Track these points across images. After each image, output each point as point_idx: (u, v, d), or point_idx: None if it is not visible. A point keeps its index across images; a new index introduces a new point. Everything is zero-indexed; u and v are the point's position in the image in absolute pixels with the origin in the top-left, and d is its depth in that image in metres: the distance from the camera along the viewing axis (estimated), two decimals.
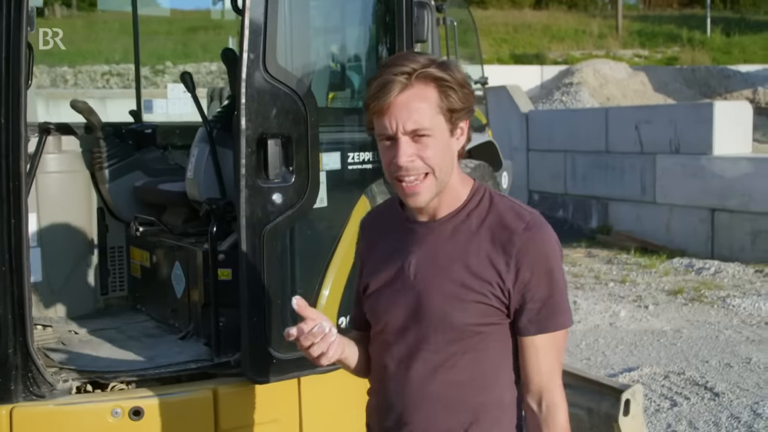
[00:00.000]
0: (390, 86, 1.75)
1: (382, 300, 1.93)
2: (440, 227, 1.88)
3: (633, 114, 11.65)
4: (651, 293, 8.55)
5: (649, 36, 25.42)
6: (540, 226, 1.84)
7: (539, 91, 16.49)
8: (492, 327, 1.84)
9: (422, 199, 1.82)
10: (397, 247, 1.93)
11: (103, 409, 2.72)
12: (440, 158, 1.80)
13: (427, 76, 1.77)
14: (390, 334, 1.91)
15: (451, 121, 1.81)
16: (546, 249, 1.83)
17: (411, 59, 1.79)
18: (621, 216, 11.43)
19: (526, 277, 1.80)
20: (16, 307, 2.63)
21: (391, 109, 1.76)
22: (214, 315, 2.95)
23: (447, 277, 1.83)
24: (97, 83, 17.09)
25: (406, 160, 1.77)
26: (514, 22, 26.67)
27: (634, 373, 5.96)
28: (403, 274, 1.89)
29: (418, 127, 1.77)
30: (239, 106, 2.72)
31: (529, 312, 1.82)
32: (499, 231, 1.83)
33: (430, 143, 1.78)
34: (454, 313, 1.82)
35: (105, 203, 3.78)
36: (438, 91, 1.78)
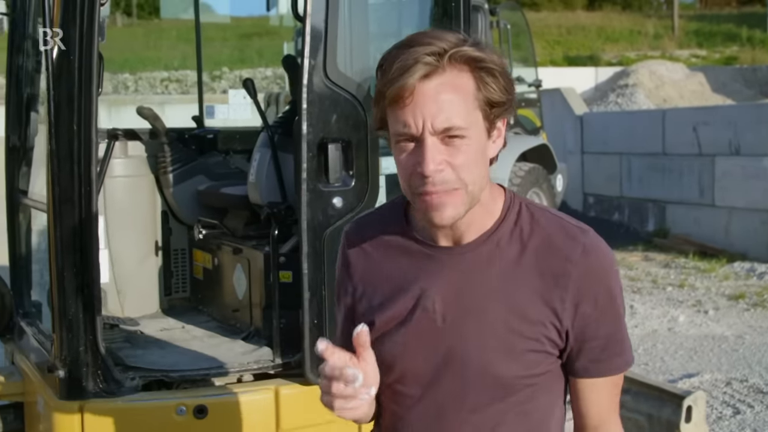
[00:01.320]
0: (414, 69, 1.33)
1: (395, 344, 1.51)
2: (470, 255, 1.48)
3: (691, 115, 11.45)
4: (711, 298, 8.40)
5: (706, 36, 24.96)
6: (599, 249, 1.48)
7: (594, 93, 16.33)
8: (542, 376, 1.48)
9: (448, 216, 1.40)
10: (410, 276, 1.51)
11: (168, 407, 2.79)
12: (474, 168, 1.39)
13: (461, 57, 1.36)
14: (410, 387, 1.52)
15: (489, 118, 1.40)
16: (609, 277, 1.48)
17: (440, 36, 1.37)
18: (678, 219, 11.24)
19: (587, 312, 1.45)
20: (87, 306, 2.72)
21: (415, 100, 1.34)
22: (276, 317, 3.00)
23: (486, 320, 1.45)
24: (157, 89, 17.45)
25: (434, 169, 1.35)
26: (567, 23, 26.43)
27: (694, 380, 5.86)
28: (425, 316, 1.48)
29: (450, 125, 1.35)
30: (300, 111, 2.78)
31: (590, 351, 1.47)
32: (549, 258, 1.45)
33: (463, 147, 1.37)
34: (499, 365, 1.45)
35: (169, 206, 3.88)
36: (474, 78, 1.38)
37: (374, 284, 1.56)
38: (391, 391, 1.55)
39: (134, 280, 3.75)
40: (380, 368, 1.50)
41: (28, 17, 3.52)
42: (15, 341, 3.43)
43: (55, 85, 2.64)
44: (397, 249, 1.54)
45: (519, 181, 8.79)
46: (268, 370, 2.98)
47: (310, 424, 2.92)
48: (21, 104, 3.57)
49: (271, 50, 18.49)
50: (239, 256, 3.37)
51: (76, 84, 2.66)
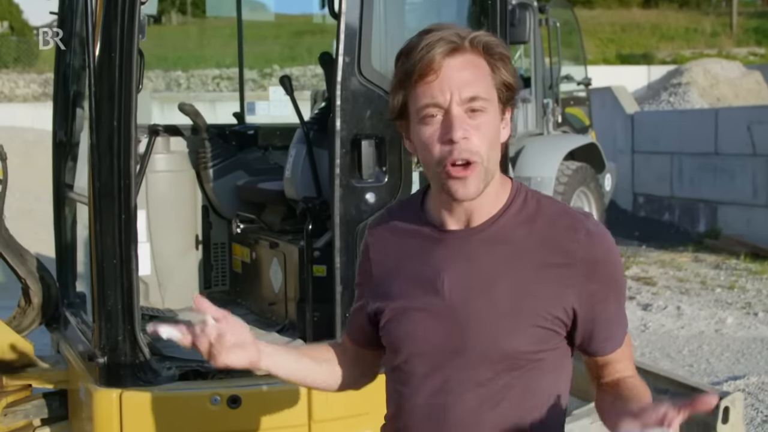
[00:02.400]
0: (439, 46, 1.44)
1: (407, 326, 1.59)
2: (478, 236, 1.55)
3: (745, 114, 11.22)
4: (761, 300, 8.22)
5: (766, 33, 24.37)
6: (602, 231, 1.56)
7: (646, 92, 16.08)
8: (547, 353, 1.54)
9: (472, 190, 1.48)
10: (423, 260, 1.59)
11: (203, 396, 2.85)
12: (492, 144, 1.49)
13: (478, 42, 1.48)
14: (418, 366, 1.58)
15: (503, 100, 1.51)
16: (612, 256, 1.56)
17: (450, 28, 1.49)
18: (730, 220, 11.02)
19: (593, 291, 1.52)
20: (126, 297, 2.80)
21: (441, 74, 1.44)
22: (309, 310, 3.05)
23: (493, 297, 1.52)
24: (208, 86, 17.71)
25: (462, 135, 1.44)
26: (621, 21, 26.06)
27: (740, 382, 5.76)
28: (435, 295, 1.55)
29: (476, 95, 1.45)
30: (334, 108, 2.82)
31: (600, 332, 1.56)
32: (554, 239, 1.53)
33: (485, 121, 1.47)
34: (506, 340, 1.51)
35: (209, 201, 3.96)
36: (489, 63, 1.49)
37: (389, 269, 1.65)
38: (398, 372, 1.62)
39: (175, 273, 3.84)
40: (389, 350, 1.64)
41: (76, 15, 3.62)
42: (60, 331, 3.53)
43: (96, 81, 2.72)
44: (411, 235, 1.63)
45: (566, 179, 8.71)
46: None
47: (342, 416, 2.95)
48: (68, 101, 3.68)
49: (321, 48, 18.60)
50: (276, 251, 3.43)
51: (117, 81, 2.73)
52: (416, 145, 1.53)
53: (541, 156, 8.64)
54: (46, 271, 3.43)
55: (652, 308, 7.83)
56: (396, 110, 1.54)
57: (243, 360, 1.56)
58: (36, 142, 11.72)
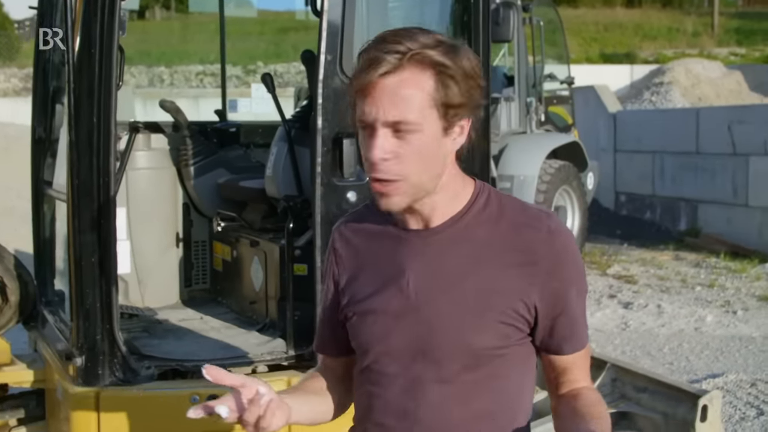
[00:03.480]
0: (377, 64, 1.44)
1: (374, 326, 1.60)
2: (441, 235, 1.58)
3: (726, 114, 11.29)
4: (740, 298, 8.29)
5: (746, 33, 24.55)
6: (563, 229, 1.59)
7: (629, 91, 16.15)
8: (512, 348, 1.57)
9: (393, 203, 1.52)
10: (389, 260, 1.61)
11: (182, 396, 2.83)
12: (421, 161, 1.49)
13: (424, 59, 1.45)
14: (387, 365, 1.60)
15: (446, 117, 1.48)
16: (573, 254, 1.58)
17: (410, 36, 1.46)
18: (711, 219, 11.10)
19: (554, 288, 1.55)
20: (104, 295, 2.77)
21: (374, 92, 1.45)
22: (290, 309, 3.04)
23: (457, 293, 1.54)
24: (192, 83, 17.63)
25: (381, 157, 1.46)
26: (605, 20, 26.18)
27: (718, 380, 5.80)
28: (400, 294, 1.57)
29: (401, 119, 1.45)
30: (316, 106, 2.81)
31: (559, 330, 1.59)
32: (516, 236, 1.55)
33: (413, 141, 1.47)
34: (471, 336, 1.53)
35: (190, 199, 3.94)
36: (435, 80, 1.46)
37: (355, 270, 1.67)
38: (368, 372, 1.64)
39: (155, 271, 3.81)
40: (358, 351, 1.66)
41: (56, 10, 3.59)
42: (38, 329, 3.50)
43: (75, 77, 2.70)
44: (376, 235, 1.65)
45: (549, 178, 8.74)
46: (281, 362, 3.02)
47: None
48: (47, 96, 3.65)
49: (305, 45, 18.55)
50: (256, 249, 3.42)
51: (96, 77, 2.71)
52: None
53: (524, 154, 8.66)
54: (24, 269, 3.40)
55: (633, 306, 7.88)
56: (351, 105, 1.56)
57: (283, 420, 1.51)
58: (17, 137, 11.62)
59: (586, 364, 1.66)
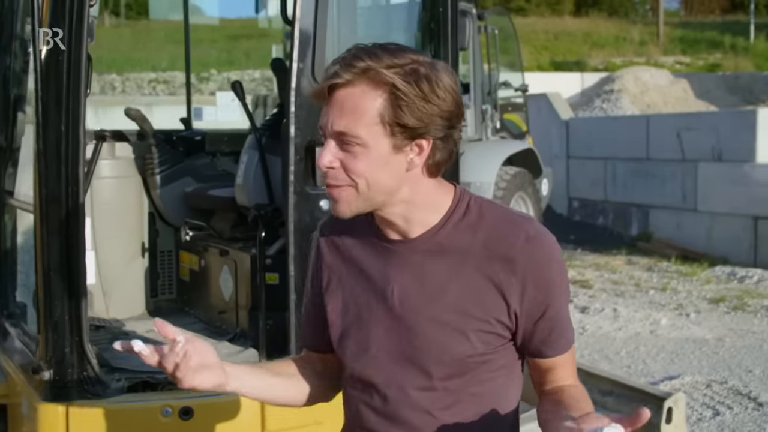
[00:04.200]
0: (333, 77, 1.47)
1: (360, 333, 1.63)
2: (422, 246, 1.59)
3: (674, 121, 11.56)
4: (692, 301, 8.48)
5: (690, 43, 25.14)
6: (542, 235, 1.58)
7: (579, 99, 16.41)
8: (497, 354, 1.59)
9: (341, 210, 1.54)
10: (373, 270, 1.63)
11: (154, 408, 2.78)
12: (371, 173, 1.50)
13: (377, 77, 1.45)
14: (374, 374, 1.62)
15: (394, 135, 1.49)
16: (553, 261, 1.58)
17: (374, 53, 1.47)
18: (661, 224, 11.34)
19: (533, 296, 1.55)
20: (73, 307, 2.72)
21: (329, 102, 1.50)
22: (262, 318, 3.02)
23: (441, 304, 1.56)
24: (144, 90, 17.39)
25: (327, 164, 1.50)
26: (554, 29, 26.55)
27: (675, 382, 5.92)
28: (385, 304, 1.59)
29: (345, 131, 1.48)
30: (288, 115, 2.80)
31: (539, 333, 1.59)
32: (496, 244, 1.56)
33: (359, 154, 1.49)
34: (454, 345, 1.55)
35: (156, 208, 3.88)
36: (387, 99, 1.46)
37: (340, 276, 1.68)
38: (353, 380, 1.66)
39: (120, 281, 3.75)
40: (344, 359, 1.67)
41: (16, 16, 3.51)
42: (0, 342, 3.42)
43: (43, 85, 2.64)
44: (361, 244, 1.66)
45: (505, 184, 8.82)
46: None
47: (297, 425, 2.92)
48: (8, 104, 3.56)
49: (259, 52, 18.45)
50: (226, 258, 3.38)
51: (65, 85, 2.66)
52: None
53: (480, 161, 8.73)
54: None
55: (590, 311, 8.00)
56: None
57: (209, 381, 1.55)
58: None
59: (571, 365, 1.67)
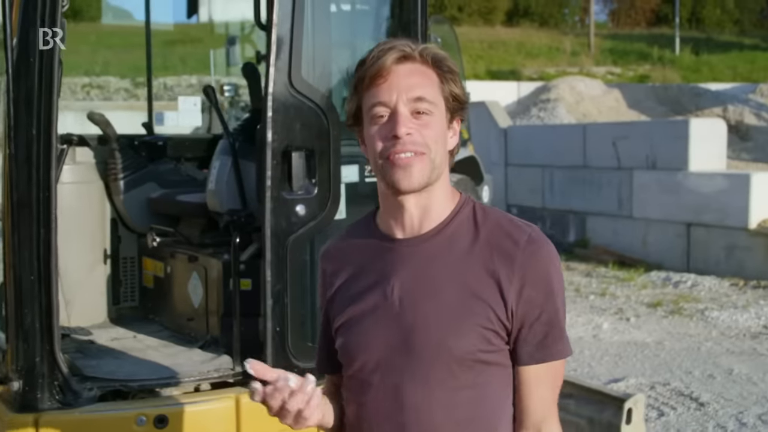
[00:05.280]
0: (391, 53, 1.55)
1: (359, 333, 1.64)
2: (425, 243, 1.62)
3: (610, 130, 11.84)
4: (631, 306, 8.69)
5: (620, 54, 25.82)
6: (543, 241, 1.62)
7: (516, 107, 16.70)
8: (493, 355, 1.60)
9: (415, 177, 1.56)
10: (374, 271, 1.65)
11: (128, 417, 2.75)
12: (436, 141, 1.57)
13: (428, 54, 1.59)
14: (371, 372, 1.63)
15: (450, 109, 1.60)
16: (552, 266, 1.62)
17: (404, 41, 1.60)
18: (598, 230, 11.60)
19: (530, 296, 1.58)
20: (44, 315, 2.66)
21: (390, 78, 1.54)
22: (236, 324, 2.99)
23: (440, 299, 1.58)
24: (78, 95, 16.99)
25: (405, 131, 1.53)
26: (488, 38, 26.93)
27: (620, 384, 6.07)
28: (385, 302, 1.61)
29: (422, 95, 1.55)
30: (265, 119, 2.79)
31: (533, 337, 1.60)
32: (498, 244, 1.60)
33: (431, 122, 1.56)
34: (451, 340, 1.56)
35: (119, 214, 3.81)
36: (438, 75, 1.59)
37: (345, 289, 1.70)
38: (353, 381, 1.67)
39: (82, 289, 3.67)
40: (344, 359, 1.68)
41: None
42: None
43: (14, 88, 2.58)
44: (361, 248, 1.70)
45: None
46: (228, 379, 2.97)
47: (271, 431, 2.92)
48: None
49: (194, 58, 18.23)
50: (195, 264, 3.34)
51: (36, 88, 2.61)
52: (366, 143, 1.62)
53: None
54: None
55: None
56: (351, 115, 1.63)
57: (319, 418, 1.60)
58: None
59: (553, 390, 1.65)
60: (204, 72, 15.59)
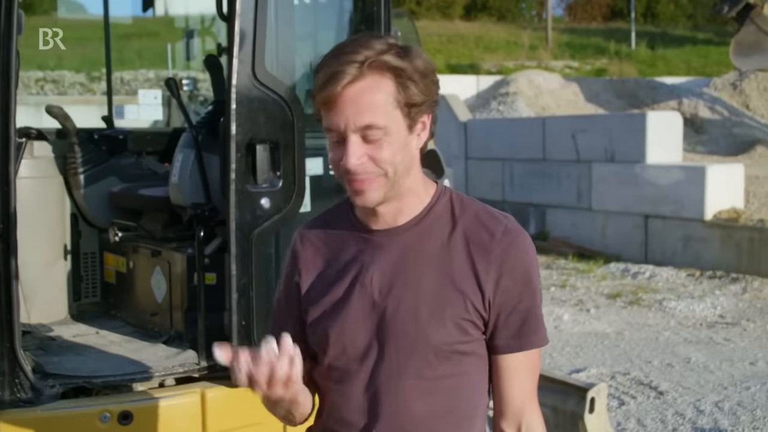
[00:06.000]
0: (338, 76, 1.49)
1: (334, 322, 1.63)
2: (404, 234, 1.63)
3: (569, 123, 11.96)
4: (591, 297, 8.80)
5: (577, 48, 26.09)
6: (520, 231, 1.65)
7: (476, 101, 16.76)
8: (470, 345, 1.61)
9: (370, 199, 1.58)
10: (351, 260, 1.65)
11: (91, 414, 2.71)
12: (396, 159, 1.55)
13: (381, 64, 1.52)
14: (348, 362, 1.63)
15: (409, 116, 1.56)
16: (528, 256, 1.64)
17: (364, 44, 1.53)
18: (558, 222, 11.71)
19: (507, 286, 1.60)
20: (4, 312, 2.62)
21: (339, 103, 1.51)
22: (201, 319, 2.97)
23: (419, 291, 1.59)
24: (31, 89, 16.68)
25: (356, 163, 1.53)
26: (447, 32, 27.02)
27: (581, 374, 6.14)
28: (363, 291, 1.62)
29: (370, 123, 1.52)
30: (229, 112, 2.76)
31: (510, 326, 1.62)
32: (475, 235, 1.62)
33: (384, 143, 1.54)
34: (429, 331, 1.58)
35: (79, 209, 3.75)
36: (395, 83, 1.53)
37: (318, 271, 1.70)
38: (330, 369, 1.67)
39: (41, 285, 3.61)
40: (319, 348, 1.67)
41: None
42: None
43: None
44: (339, 237, 1.70)
45: None
46: (193, 373, 2.94)
47: (237, 426, 2.90)
48: None
49: (150, 51, 18.00)
50: (158, 259, 3.31)
51: None
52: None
53: None
54: None
55: None
56: (317, 116, 1.61)
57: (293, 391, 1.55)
58: None
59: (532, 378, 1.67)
60: (162, 66, 15.41)
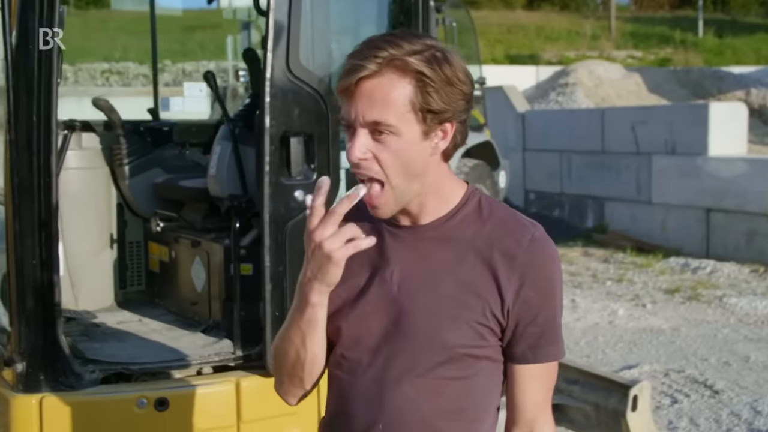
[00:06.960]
0: (358, 69, 1.49)
1: (352, 314, 1.64)
2: (430, 233, 1.63)
3: (629, 114, 11.74)
4: (648, 292, 8.65)
5: (641, 37, 25.53)
6: (546, 241, 1.63)
7: (535, 92, 16.59)
8: (485, 350, 1.61)
9: (382, 213, 1.58)
10: (376, 253, 1.64)
11: (129, 400, 2.79)
12: (400, 163, 1.54)
13: (404, 65, 1.50)
14: (361, 353, 1.64)
15: (425, 122, 1.53)
16: (552, 267, 1.62)
17: (394, 42, 1.51)
18: (616, 215, 11.52)
19: (528, 296, 1.59)
20: (46, 299, 2.70)
21: (354, 95, 1.51)
22: (237, 309, 3.02)
23: (437, 291, 1.59)
24: (97, 81, 17.12)
25: (359, 155, 1.52)
26: (507, 22, 26.73)
27: (634, 371, 6.04)
28: (384, 285, 1.62)
29: (378, 120, 1.51)
30: (263, 105, 2.80)
31: (529, 337, 1.61)
32: (500, 241, 1.60)
33: (391, 143, 1.52)
34: (445, 332, 1.58)
35: (124, 199, 3.85)
36: (414, 86, 1.51)
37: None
38: (341, 359, 1.67)
39: (89, 273, 3.71)
40: (335, 337, 1.66)
41: None
42: None
43: (14, 75, 2.61)
44: (367, 230, 1.64)
45: (463, 177, 8.86)
46: (228, 362, 3.00)
47: (271, 415, 2.94)
48: None
49: (213, 43, 18.29)
50: (198, 249, 3.37)
51: (36, 75, 2.64)
52: None
53: None
54: None
55: None
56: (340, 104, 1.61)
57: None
58: None
59: (547, 388, 1.67)
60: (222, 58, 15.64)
